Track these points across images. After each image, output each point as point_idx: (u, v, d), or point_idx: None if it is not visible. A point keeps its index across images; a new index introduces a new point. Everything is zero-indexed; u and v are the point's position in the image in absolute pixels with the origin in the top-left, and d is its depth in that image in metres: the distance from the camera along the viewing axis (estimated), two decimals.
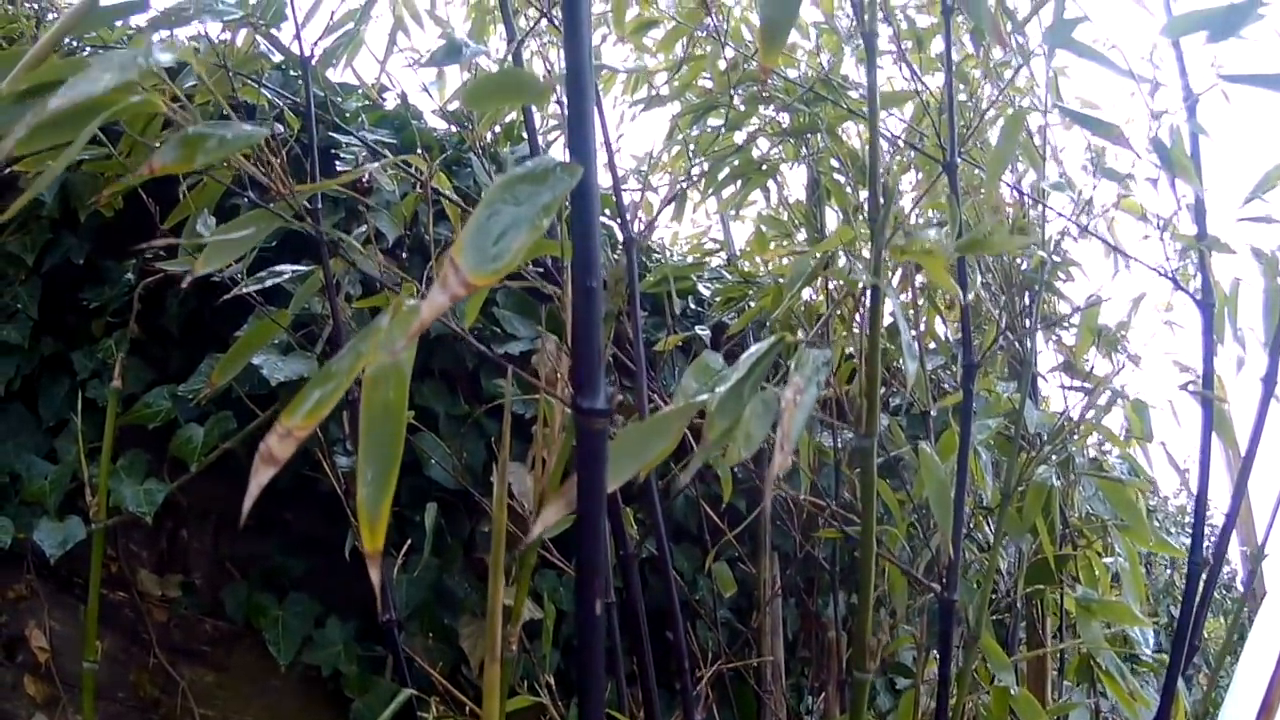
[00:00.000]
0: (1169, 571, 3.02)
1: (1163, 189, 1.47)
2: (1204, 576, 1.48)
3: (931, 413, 1.62)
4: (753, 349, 1.06)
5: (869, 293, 1.05)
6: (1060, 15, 1.45)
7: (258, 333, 1.47)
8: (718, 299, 1.86)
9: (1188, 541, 1.59)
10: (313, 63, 1.57)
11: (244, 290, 1.36)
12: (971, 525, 1.67)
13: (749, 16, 1.87)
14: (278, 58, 1.80)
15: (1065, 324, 1.66)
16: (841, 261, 1.69)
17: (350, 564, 1.64)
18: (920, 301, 1.77)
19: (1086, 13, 1.43)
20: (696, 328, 1.76)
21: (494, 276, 0.67)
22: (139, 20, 1.69)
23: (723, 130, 1.70)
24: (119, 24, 1.88)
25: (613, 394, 0.94)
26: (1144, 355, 1.75)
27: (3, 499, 1.69)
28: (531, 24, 1.49)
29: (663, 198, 1.62)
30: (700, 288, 1.96)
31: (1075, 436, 1.53)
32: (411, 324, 0.75)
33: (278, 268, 1.40)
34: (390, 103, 1.98)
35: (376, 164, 1.64)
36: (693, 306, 1.98)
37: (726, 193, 1.84)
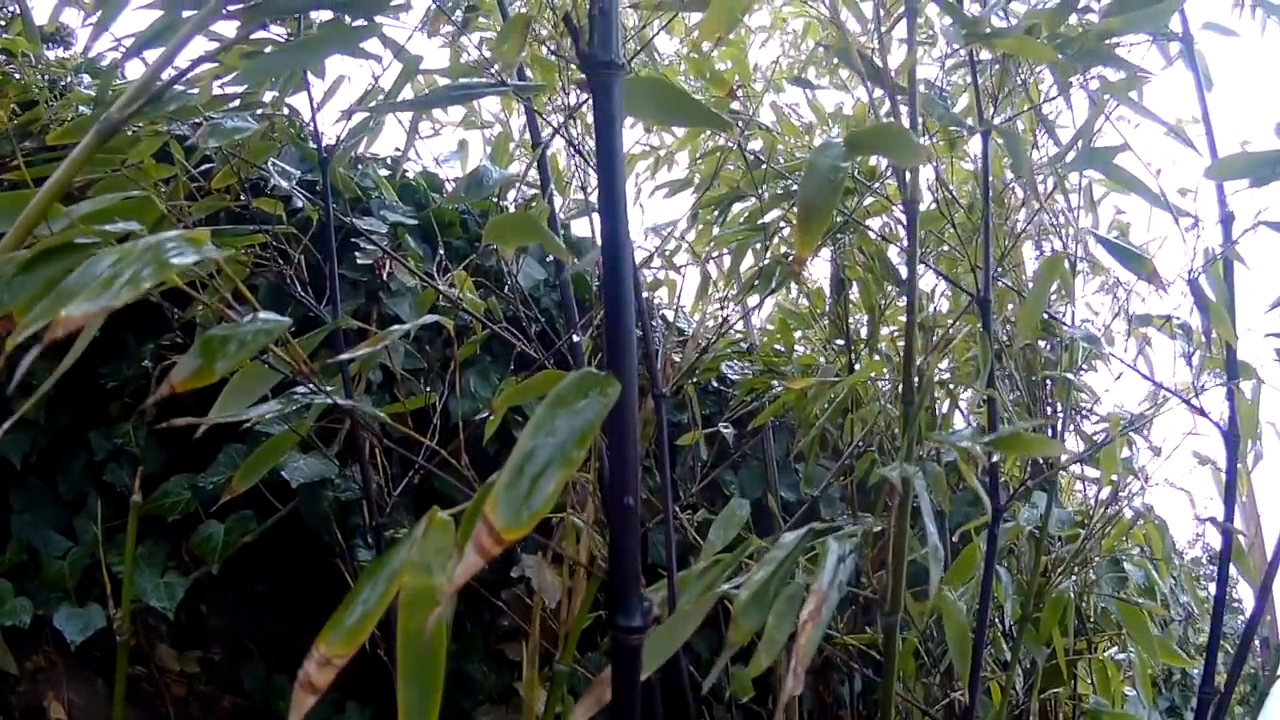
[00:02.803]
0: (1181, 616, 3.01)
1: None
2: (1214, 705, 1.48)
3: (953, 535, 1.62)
4: (785, 540, 1.06)
5: (900, 483, 1.04)
6: (1089, 138, 1.42)
7: (279, 441, 1.46)
8: (741, 382, 1.85)
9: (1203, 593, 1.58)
10: (331, 162, 1.55)
11: (264, 418, 1.35)
12: (987, 639, 1.68)
13: (779, 103, 1.84)
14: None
15: (1091, 452, 1.65)
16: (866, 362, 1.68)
17: (369, 649, 1.65)
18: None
19: (1127, 140, 1.41)
20: (720, 424, 1.76)
21: (528, 528, 0.67)
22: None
23: (744, 221, 1.69)
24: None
25: (649, 609, 0.94)
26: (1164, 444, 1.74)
27: (21, 575, 1.69)
28: (552, 132, 1.47)
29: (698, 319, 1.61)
30: (723, 367, 1.94)
31: (1095, 546, 1.54)
32: (445, 573, 0.75)
33: (297, 392, 1.39)
34: (411, 171, 1.96)
35: (396, 255, 1.62)
36: (714, 384, 1.97)
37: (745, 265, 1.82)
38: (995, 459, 1.35)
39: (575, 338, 1.37)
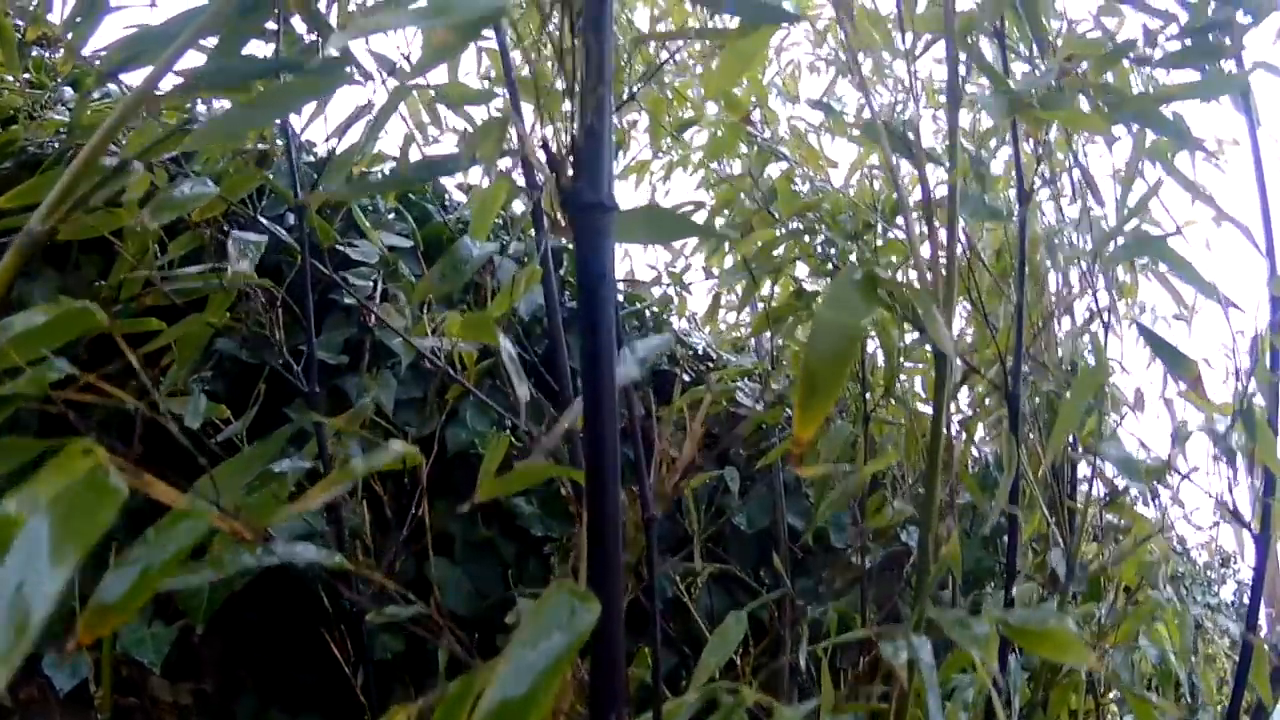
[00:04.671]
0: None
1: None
2: None
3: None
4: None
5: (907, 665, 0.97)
6: (1123, 215, 1.31)
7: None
8: (751, 418, 1.76)
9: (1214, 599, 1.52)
10: (307, 210, 1.44)
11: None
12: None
13: (799, 129, 1.70)
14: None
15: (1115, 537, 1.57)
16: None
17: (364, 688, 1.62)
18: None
19: (1179, 225, 1.30)
20: (725, 469, 1.68)
21: None
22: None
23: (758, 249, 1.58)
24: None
25: None
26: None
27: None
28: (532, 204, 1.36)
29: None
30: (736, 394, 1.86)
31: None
32: None
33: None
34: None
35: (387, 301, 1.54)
36: (724, 404, 1.89)
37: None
38: (1015, 515, 1.27)
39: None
